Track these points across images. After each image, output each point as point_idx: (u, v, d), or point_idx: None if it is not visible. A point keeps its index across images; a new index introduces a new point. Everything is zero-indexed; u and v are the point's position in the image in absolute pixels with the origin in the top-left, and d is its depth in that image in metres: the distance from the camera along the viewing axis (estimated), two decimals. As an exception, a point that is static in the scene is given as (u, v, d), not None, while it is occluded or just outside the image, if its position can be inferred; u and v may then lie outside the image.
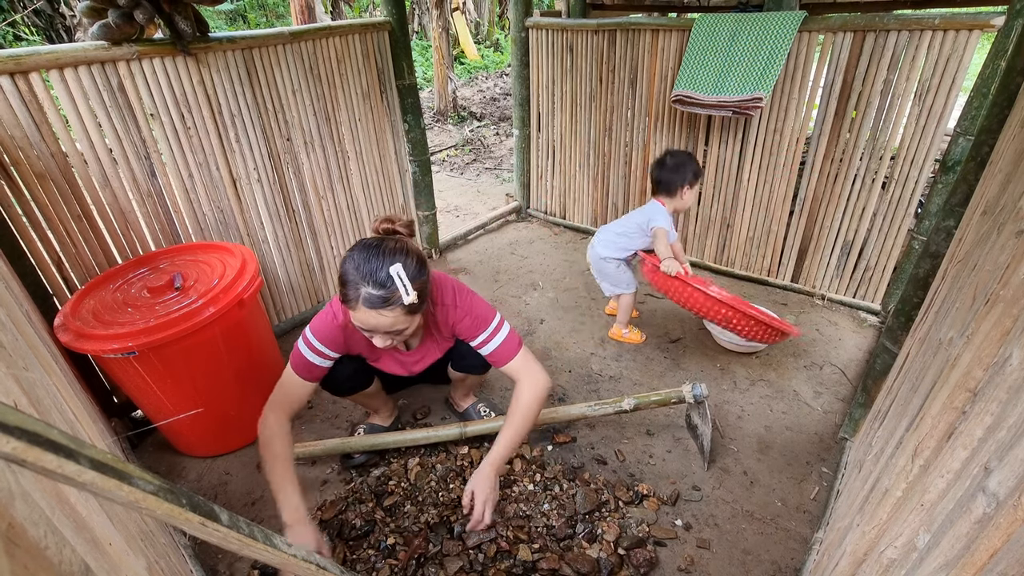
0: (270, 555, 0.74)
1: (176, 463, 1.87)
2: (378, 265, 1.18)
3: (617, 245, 2.23)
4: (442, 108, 6.73)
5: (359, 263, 1.19)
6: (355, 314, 1.22)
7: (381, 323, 1.22)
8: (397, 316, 1.22)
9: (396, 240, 1.26)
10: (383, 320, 1.21)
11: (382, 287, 1.17)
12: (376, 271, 1.18)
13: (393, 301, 1.19)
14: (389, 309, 1.20)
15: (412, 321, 1.28)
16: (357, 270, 1.19)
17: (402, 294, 1.18)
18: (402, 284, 1.18)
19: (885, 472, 1.07)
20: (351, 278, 1.19)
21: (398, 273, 1.17)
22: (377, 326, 1.23)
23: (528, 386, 1.42)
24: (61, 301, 1.77)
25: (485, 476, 1.37)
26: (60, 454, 0.41)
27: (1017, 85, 1.25)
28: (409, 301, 1.19)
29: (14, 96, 1.58)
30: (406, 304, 1.19)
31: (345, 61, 2.40)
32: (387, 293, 1.18)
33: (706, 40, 2.40)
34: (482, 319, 1.45)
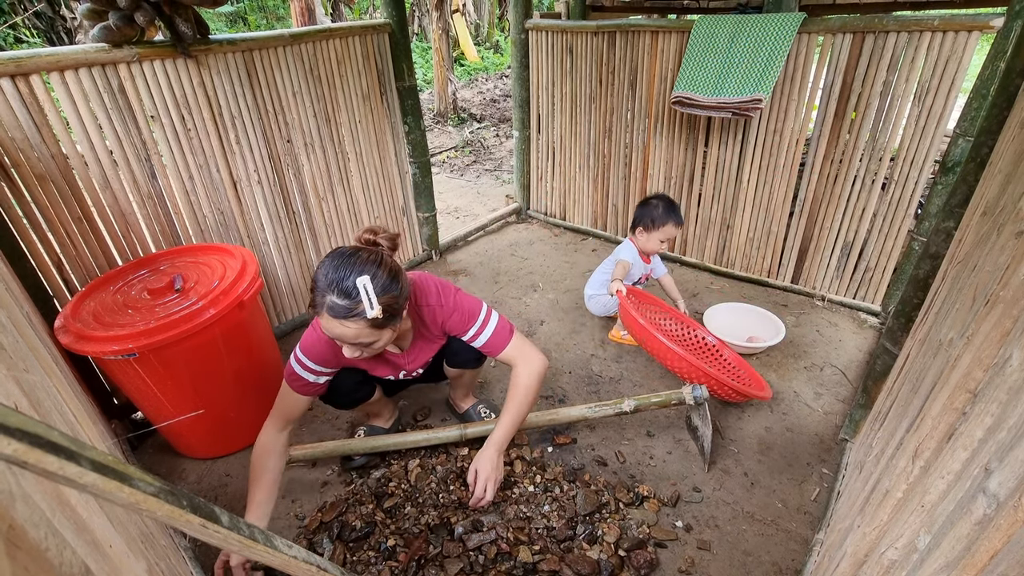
0: (271, 556, 0.74)
1: (176, 465, 1.87)
2: (346, 275, 1.17)
3: (600, 282, 2.42)
4: (442, 110, 6.73)
5: (328, 271, 1.18)
6: (321, 321, 1.22)
7: (345, 333, 1.20)
8: (360, 328, 1.19)
9: (372, 252, 1.24)
10: (347, 331, 1.20)
11: (347, 297, 1.16)
12: (343, 280, 1.16)
13: (356, 313, 1.16)
14: (352, 320, 1.17)
15: (379, 335, 1.25)
16: (326, 277, 1.17)
17: (366, 307, 1.16)
18: (367, 297, 1.15)
19: (886, 473, 1.07)
20: (319, 284, 1.18)
21: (364, 286, 1.15)
22: (341, 336, 1.21)
23: (524, 369, 1.45)
24: (61, 303, 1.77)
25: (488, 456, 1.42)
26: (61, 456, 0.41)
27: (1016, 86, 1.25)
28: (372, 315, 1.16)
29: (15, 98, 1.58)
30: (369, 318, 1.17)
31: (345, 63, 2.40)
32: (351, 304, 1.16)
33: (706, 42, 2.41)
34: (469, 313, 1.46)
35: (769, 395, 1.91)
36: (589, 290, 2.47)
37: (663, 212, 2.20)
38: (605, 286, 2.37)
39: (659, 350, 1.85)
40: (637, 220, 2.27)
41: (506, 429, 1.44)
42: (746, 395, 1.80)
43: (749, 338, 2.31)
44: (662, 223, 2.20)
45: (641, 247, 2.29)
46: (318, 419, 2.04)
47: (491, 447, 1.44)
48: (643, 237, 2.26)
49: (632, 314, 1.90)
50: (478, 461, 1.44)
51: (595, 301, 2.44)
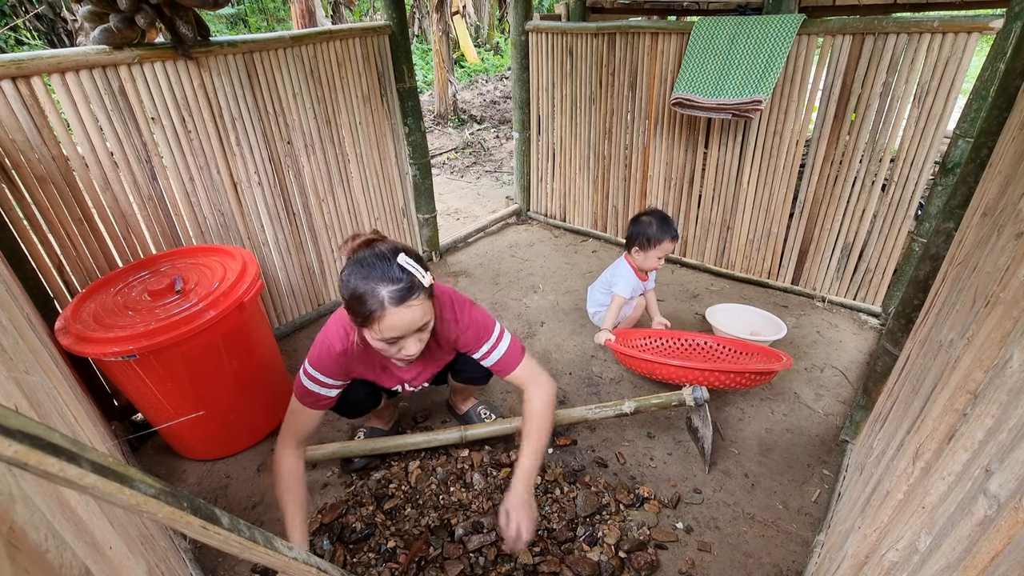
0: (271, 558, 0.74)
1: (176, 466, 1.87)
2: (385, 265, 1.17)
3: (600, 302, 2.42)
4: (442, 111, 6.74)
5: (363, 274, 1.16)
6: (383, 323, 1.16)
7: (413, 318, 1.19)
8: (423, 303, 1.19)
9: (377, 241, 1.25)
10: (414, 313, 1.18)
11: (399, 280, 1.16)
12: (386, 270, 1.16)
13: (415, 288, 1.17)
14: (415, 298, 1.17)
15: (431, 310, 1.26)
16: (367, 279, 1.16)
17: (419, 278, 1.18)
18: (414, 268, 1.17)
19: (886, 474, 1.06)
20: (364, 289, 1.15)
21: (407, 261, 1.17)
22: (410, 324, 1.19)
23: (537, 395, 1.40)
24: (62, 304, 1.77)
25: (520, 497, 1.30)
26: (62, 458, 0.41)
27: (1016, 87, 1.25)
28: (428, 283, 1.20)
29: (16, 100, 1.59)
30: (426, 287, 1.19)
31: (346, 64, 2.40)
32: (407, 282, 1.16)
33: (705, 43, 2.41)
34: (484, 329, 1.43)
35: (790, 362, 1.87)
36: (591, 307, 2.48)
37: (658, 229, 2.13)
38: (604, 307, 2.36)
39: (670, 374, 1.85)
40: (632, 239, 2.20)
41: (532, 461, 1.35)
42: (769, 373, 1.79)
43: (753, 333, 2.31)
44: (658, 241, 2.14)
45: (639, 265, 2.24)
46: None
47: (520, 485, 1.32)
48: (640, 256, 2.19)
49: (630, 356, 1.93)
50: (509, 502, 1.30)
51: (598, 317, 2.43)
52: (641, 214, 2.23)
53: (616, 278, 2.27)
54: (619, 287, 2.24)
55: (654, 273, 2.38)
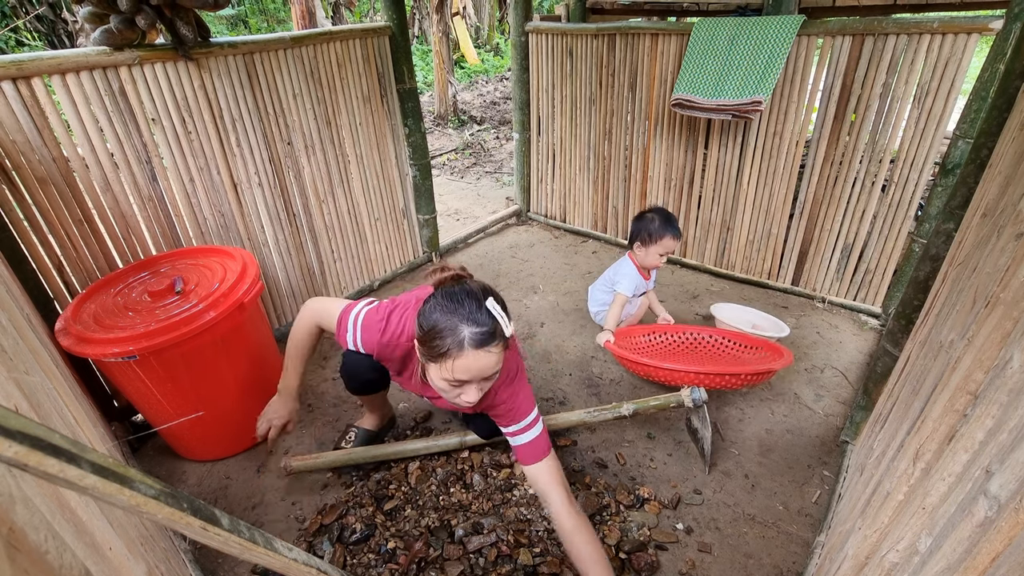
0: (271, 559, 0.74)
1: (176, 467, 1.87)
2: (474, 306, 1.15)
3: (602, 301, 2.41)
4: (442, 112, 6.74)
5: (451, 309, 1.15)
6: (457, 363, 1.15)
7: (488, 364, 1.16)
8: (500, 352, 1.17)
9: (466, 280, 1.26)
10: (490, 359, 1.16)
11: (485, 324, 1.14)
12: (474, 311, 1.14)
13: (497, 336, 1.15)
14: (494, 345, 1.15)
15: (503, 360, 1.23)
16: (451, 316, 1.14)
17: (503, 326, 1.16)
18: (501, 316, 1.16)
19: (886, 475, 1.06)
20: (445, 325, 1.14)
21: (494, 307, 1.16)
22: (483, 369, 1.17)
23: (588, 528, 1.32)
24: (62, 305, 1.77)
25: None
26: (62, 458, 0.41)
27: (1016, 88, 1.25)
28: (510, 333, 1.18)
29: (16, 101, 1.59)
30: (508, 336, 1.17)
31: (346, 65, 2.41)
32: (491, 328, 1.14)
33: (705, 44, 2.41)
34: (520, 410, 1.39)
35: (791, 359, 1.87)
36: (593, 307, 2.47)
37: (660, 225, 2.15)
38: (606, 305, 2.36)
39: (668, 376, 1.86)
40: (634, 235, 2.23)
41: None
42: (768, 372, 1.78)
43: (753, 326, 2.31)
44: (659, 236, 2.15)
45: (640, 262, 2.25)
46: (318, 420, 2.03)
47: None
48: (642, 252, 2.21)
49: (630, 359, 1.94)
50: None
51: (600, 316, 2.43)
52: (644, 211, 2.25)
53: (619, 276, 2.27)
54: (622, 285, 2.23)
55: (655, 273, 2.38)
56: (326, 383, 2.24)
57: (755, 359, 2.07)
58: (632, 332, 2.27)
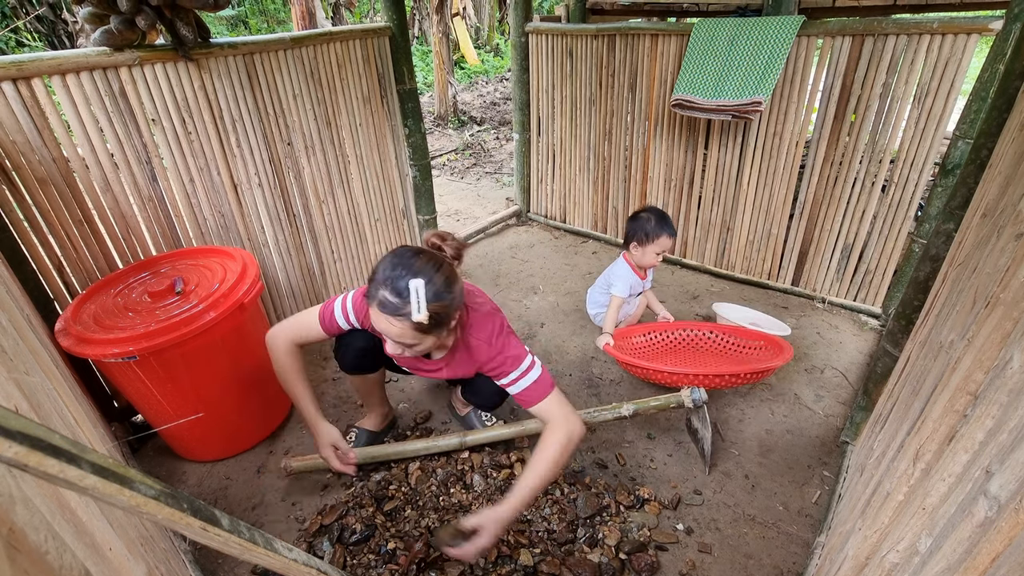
0: (271, 560, 0.74)
1: (176, 468, 1.87)
2: (402, 274, 1.19)
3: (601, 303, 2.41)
4: (442, 112, 6.75)
5: (388, 266, 1.22)
6: (371, 312, 1.25)
7: (389, 330, 1.24)
8: (405, 329, 1.22)
9: (433, 257, 1.26)
10: (391, 328, 1.23)
11: (398, 296, 1.18)
12: (398, 279, 1.19)
13: (404, 313, 1.19)
14: (398, 319, 1.20)
15: (422, 339, 1.27)
16: (383, 272, 1.21)
17: (413, 310, 1.18)
18: (416, 300, 1.17)
19: (887, 476, 1.06)
20: (377, 277, 1.22)
21: (417, 289, 1.17)
22: (386, 331, 1.25)
23: (558, 434, 1.33)
24: (62, 305, 1.77)
25: (499, 520, 1.25)
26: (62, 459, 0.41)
27: (1016, 88, 1.25)
28: (417, 319, 1.18)
29: (16, 102, 1.59)
30: (414, 320, 1.19)
31: (346, 66, 2.41)
32: (400, 303, 1.18)
33: (705, 44, 2.41)
34: (514, 358, 1.41)
35: (791, 355, 1.86)
36: (592, 309, 2.47)
37: (656, 225, 2.15)
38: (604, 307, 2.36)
39: (667, 378, 1.86)
40: (630, 235, 2.22)
41: (523, 499, 1.29)
42: (767, 370, 1.78)
43: (752, 323, 2.32)
44: (656, 235, 2.15)
45: (637, 262, 2.24)
46: (318, 422, 2.03)
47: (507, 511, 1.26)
48: (638, 252, 2.21)
49: (629, 362, 1.94)
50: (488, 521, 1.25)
51: (600, 318, 2.43)
52: (639, 211, 2.24)
53: (614, 278, 2.27)
54: (617, 287, 2.24)
55: (651, 272, 2.38)
56: (326, 383, 2.24)
57: (755, 355, 2.06)
58: (630, 332, 2.27)
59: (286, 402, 2.06)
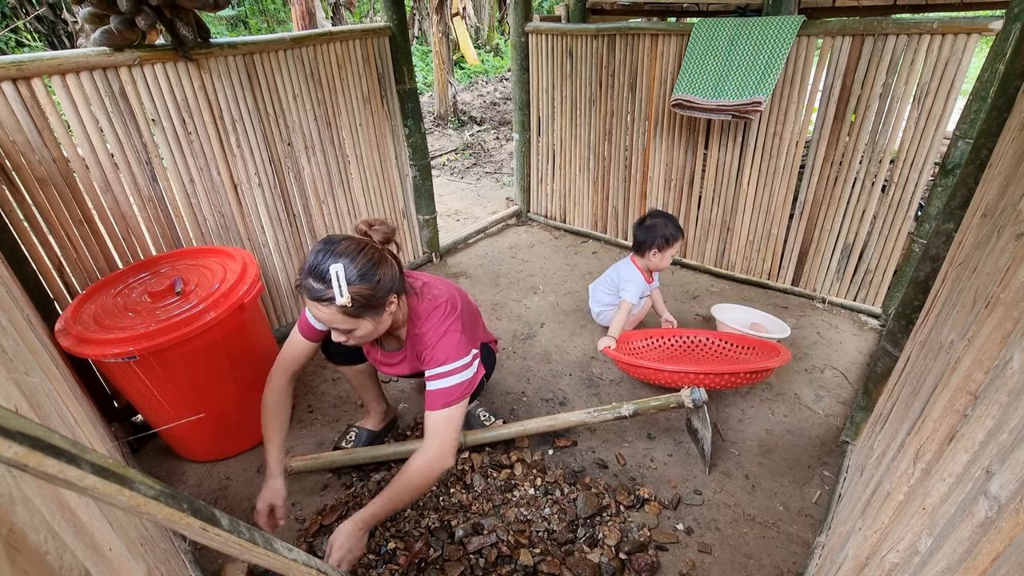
0: (271, 560, 0.74)
1: (176, 468, 1.87)
2: (323, 260, 1.22)
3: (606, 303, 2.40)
4: (442, 112, 6.75)
5: (312, 254, 1.25)
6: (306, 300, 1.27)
7: (320, 316, 1.27)
8: (333, 314, 1.24)
9: (356, 242, 1.27)
10: (321, 314, 1.26)
11: (320, 281, 1.22)
12: (319, 264, 1.22)
13: (327, 298, 1.22)
14: (324, 304, 1.23)
15: (355, 324, 1.28)
16: (309, 260, 1.25)
17: (335, 294, 1.20)
18: (337, 284, 1.20)
19: (887, 476, 1.06)
20: (304, 266, 1.26)
21: (337, 273, 1.20)
22: (318, 317, 1.28)
23: (427, 455, 1.34)
24: (62, 305, 1.77)
25: (346, 532, 1.30)
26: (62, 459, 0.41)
27: (1016, 88, 1.25)
28: (340, 303, 1.20)
29: (16, 102, 1.59)
30: (338, 304, 1.21)
31: (346, 66, 2.41)
32: (323, 288, 1.22)
33: (705, 44, 2.41)
34: (442, 356, 1.39)
35: (789, 357, 1.87)
36: (595, 307, 2.46)
37: (674, 229, 2.19)
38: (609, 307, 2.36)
39: (667, 378, 1.87)
40: (647, 241, 2.21)
41: (376, 509, 1.32)
42: (766, 370, 1.79)
43: (752, 324, 2.31)
44: (674, 240, 2.19)
45: (655, 267, 2.26)
46: (318, 422, 2.03)
47: (353, 524, 1.31)
48: (657, 257, 2.22)
49: (629, 364, 1.95)
50: (337, 536, 1.30)
51: (602, 316, 2.43)
52: (646, 217, 2.26)
53: (624, 283, 2.26)
54: (629, 293, 2.23)
55: (658, 274, 2.39)
56: (326, 383, 2.24)
57: (754, 358, 2.07)
58: (630, 337, 2.27)
59: (286, 402, 2.06)
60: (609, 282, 2.39)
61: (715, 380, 1.79)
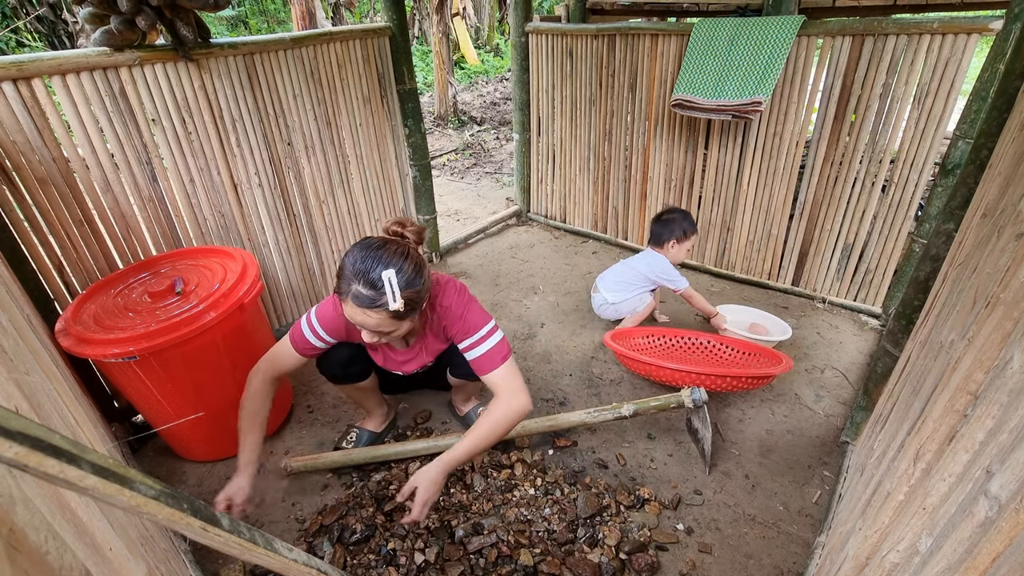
0: (271, 560, 0.74)
1: (176, 468, 1.87)
2: (372, 266, 1.21)
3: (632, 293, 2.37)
4: (442, 112, 6.75)
5: (356, 260, 1.22)
6: (345, 307, 1.26)
7: (367, 322, 1.26)
8: (382, 319, 1.25)
9: (399, 245, 1.28)
10: (368, 320, 1.25)
11: (372, 288, 1.20)
12: (369, 271, 1.20)
13: (379, 304, 1.21)
14: (375, 311, 1.23)
15: (399, 326, 1.30)
16: (353, 266, 1.22)
17: (389, 300, 1.20)
18: (391, 290, 1.20)
19: (887, 476, 1.06)
20: (346, 273, 1.23)
21: (389, 279, 1.19)
22: (363, 323, 1.27)
23: (505, 403, 1.38)
24: (62, 306, 1.77)
25: (431, 477, 1.34)
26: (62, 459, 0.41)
27: (1016, 88, 1.25)
28: (394, 308, 1.21)
29: (16, 102, 1.59)
30: (391, 310, 1.22)
31: (346, 66, 2.41)
32: (375, 295, 1.20)
33: (705, 44, 2.41)
34: (473, 324, 1.44)
35: (790, 365, 1.88)
36: (616, 297, 2.38)
37: (690, 224, 2.32)
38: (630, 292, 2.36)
39: (670, 376, 1.87)
40: (668, 234, 2.30)
41: (461, 454, 1.36)
42: (767, 376, 1.80)
43: (751, 326, 2.32)
44: (692, 231, 2.32)
45: (672, 258, 2.33)
46: (318, 422, 2.03)
47: (438, 465, 1.35)
48: (675, 249, 2.32)
49: (630, 358, 1.96)
50: (419, 479, 1.34)
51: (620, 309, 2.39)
52: (663, 212, 2.37)
53: (663, 273, 2.31)
54: (679, 281, 2.31)
55: None
56: (326, 383, 2.23)
57: (755, 364, 2.07)
58: (632, 333, 2.27)
59: (286, 402, 2.06)
60: (636, 274, 2.36)
61: (716, 382, 1.79)
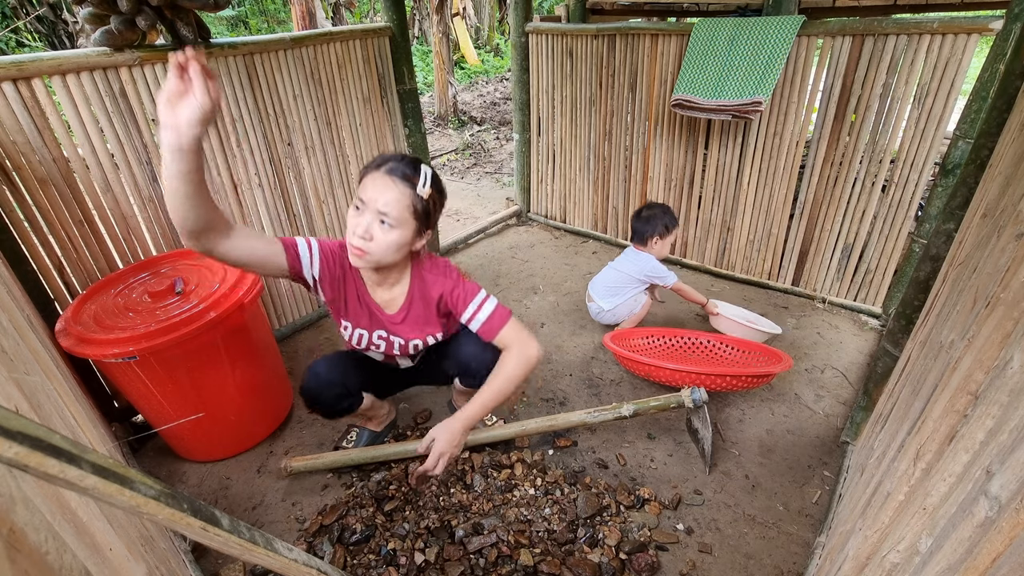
0: (271, 560, 0.74)
1: (177, 468, 1.87)
2: (413, 159, 1.31)
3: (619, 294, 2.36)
4: (442, 112, 6.75)
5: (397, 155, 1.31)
6: (368, 180, 1.27)
7: (385, 194, 1.25)
8: (402, 195, 1.26)
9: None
10: (388, 192, 1.25)
11: (412, 168, 1.28)
12: (411, 160, 1.31)
13: (406, 178, 1.26)
14: (403, 184, 1.26)
15: (401, 223, 1.27)
16: (392, 154, 1.31)
17: (419, 184, 1.27)
18: (425, 178, 1.28)
19: (887, 476, 1.06)
20: (384, 156, 1.31)
21: (427, 172, 1.30)
22: (379, 194, 1.25)
23: (517, 353, 1.42)
24: (62, 306, 1.77)
25: (451, 430, 1.38)
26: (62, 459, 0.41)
27: (1016, 88, 1.25)
28: (420, 192, 1.27)
29: (16, 102, 1.59)
30: (417, 193, 1.27)
31: (346, 66, 2.41)
32: (411, 173, 1.27)
33: (705, 44, 2.41)
34: (470, 289, 1.46)
35: (790, 364, 1.89)
36: (613, 301, 2.35)
37: (671, 218, 2.31)
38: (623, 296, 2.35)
39: (669, 376, 1.88)
40: (650, 230, 2.30)
41: (479, 408, 1.40)
42: (767, 375, 1.81)
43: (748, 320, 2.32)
44: (673, 227, 2.32)
45: (656, 254, 2.34)
46: (317, 422, 2.03)
47: (458, 421, 1.39)
48: (658, 245, 2.32)
49: (630, 359, 1.96)
50: (439, 432, 1.38)
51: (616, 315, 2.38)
52: (642, 209, 2.35)
53: (653, 271, 2.31)
54: (668, 277, 2.31)
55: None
56: (326, 384, 2.23)
57: (754, 363, 2.07)
58: (632, 334, 2.27)
59: (286, 402, 2.06)
60: (624, 275, 2.35)
61: (716, 381, 1.79)
